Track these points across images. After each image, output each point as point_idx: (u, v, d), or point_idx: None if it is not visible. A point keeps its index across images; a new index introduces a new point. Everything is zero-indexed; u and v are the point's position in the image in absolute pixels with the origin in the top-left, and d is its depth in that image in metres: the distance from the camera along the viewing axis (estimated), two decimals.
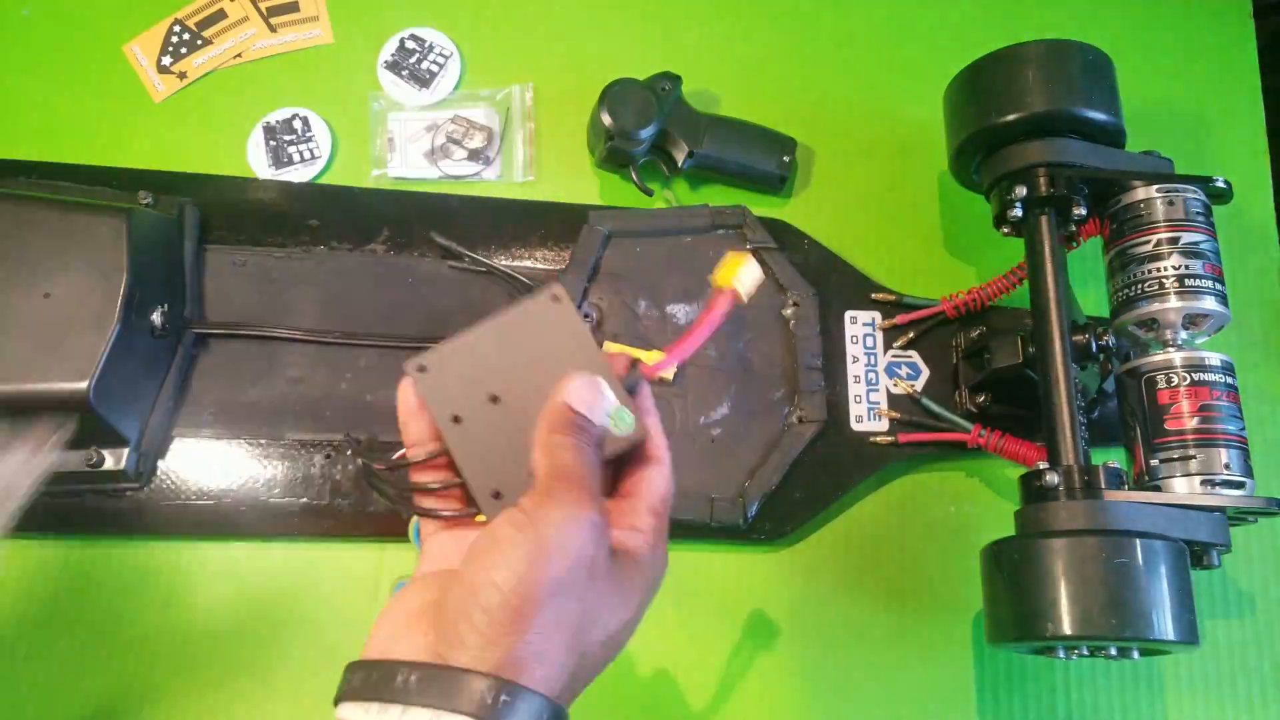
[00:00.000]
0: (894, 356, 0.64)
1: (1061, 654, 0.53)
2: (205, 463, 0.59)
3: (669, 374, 0.53)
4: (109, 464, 0.56)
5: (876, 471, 0.61)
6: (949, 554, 0.61)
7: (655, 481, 0.38)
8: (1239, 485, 0.51)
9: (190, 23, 0.71)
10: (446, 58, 0.70)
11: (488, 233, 0.64)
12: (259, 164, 0.67)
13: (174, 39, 0.70)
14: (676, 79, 0.66)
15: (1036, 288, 0.57)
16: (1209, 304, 0.54)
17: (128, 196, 0.62)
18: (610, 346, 0.60)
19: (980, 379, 0.61)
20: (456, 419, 0.37)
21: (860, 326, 0.64)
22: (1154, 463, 0.53)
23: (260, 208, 0.65)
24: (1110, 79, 0.59)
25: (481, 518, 0.37)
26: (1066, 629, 0.48)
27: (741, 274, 0.37)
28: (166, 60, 0.70)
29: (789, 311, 0.63)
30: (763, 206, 0.67)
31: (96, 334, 0.53)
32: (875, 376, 0.63)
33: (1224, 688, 0.59)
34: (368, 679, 0.31)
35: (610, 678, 0.58)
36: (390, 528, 0.58)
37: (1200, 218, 0.55)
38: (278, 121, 0.68)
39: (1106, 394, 0.60)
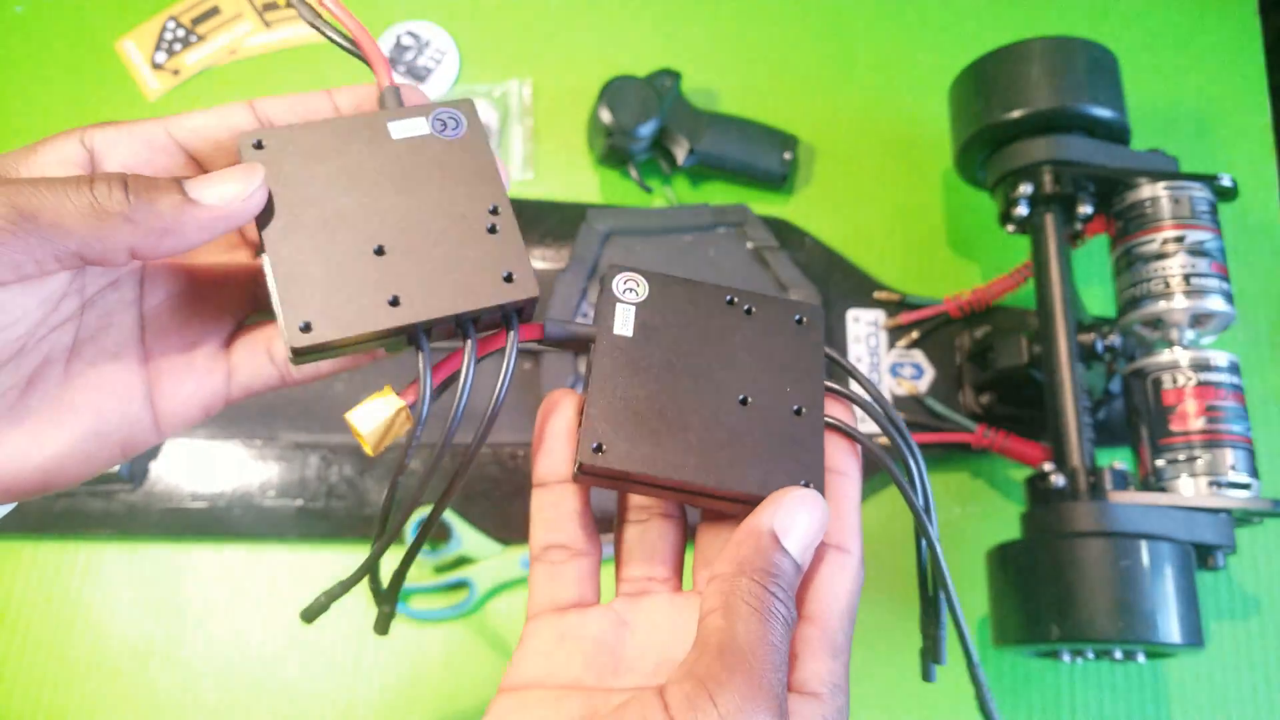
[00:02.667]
0: (898, 356, 0.63)
1: (1067, 657, 0.52)
2: (199, 464, 0.58)
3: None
4: None
5: (880, 472, 0.61)
6: (953, 556, 0.60)
7: (838, 589, 0.27)
8: (1245, 486, 0.51)
9: (184, 19, 0.70)
10: (444, 53, 0.70)
11: None
12: None
13: (168, 36, 0.70)
14: (677, 76, 0.65)
15: (1042, 287, 0.57)
16: (1215, 303, 0.53)
17: None
18: None
19: (985, 379, 0.61)
20: (283, 223, 0.26)
21: (863, 326, 0.64)
22: (1160, 464, 0.52)
23: None
24: (1115, 76, 0.58)
25: None
26: (1072, 632, 0.48)
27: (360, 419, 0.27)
28: (160, 57, 0.69)
29: None
30: (764, 204, 0.67)
31: None
32: (878, 377, 0.63)
33: (1229, 690, 0.58)
34: None
35: None
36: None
37: (1206, 216, 0.55)
38: None
39: (1112, 394, 0.60)
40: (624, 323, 0.29)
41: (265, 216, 0.26)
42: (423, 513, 0.57)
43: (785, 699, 0.24)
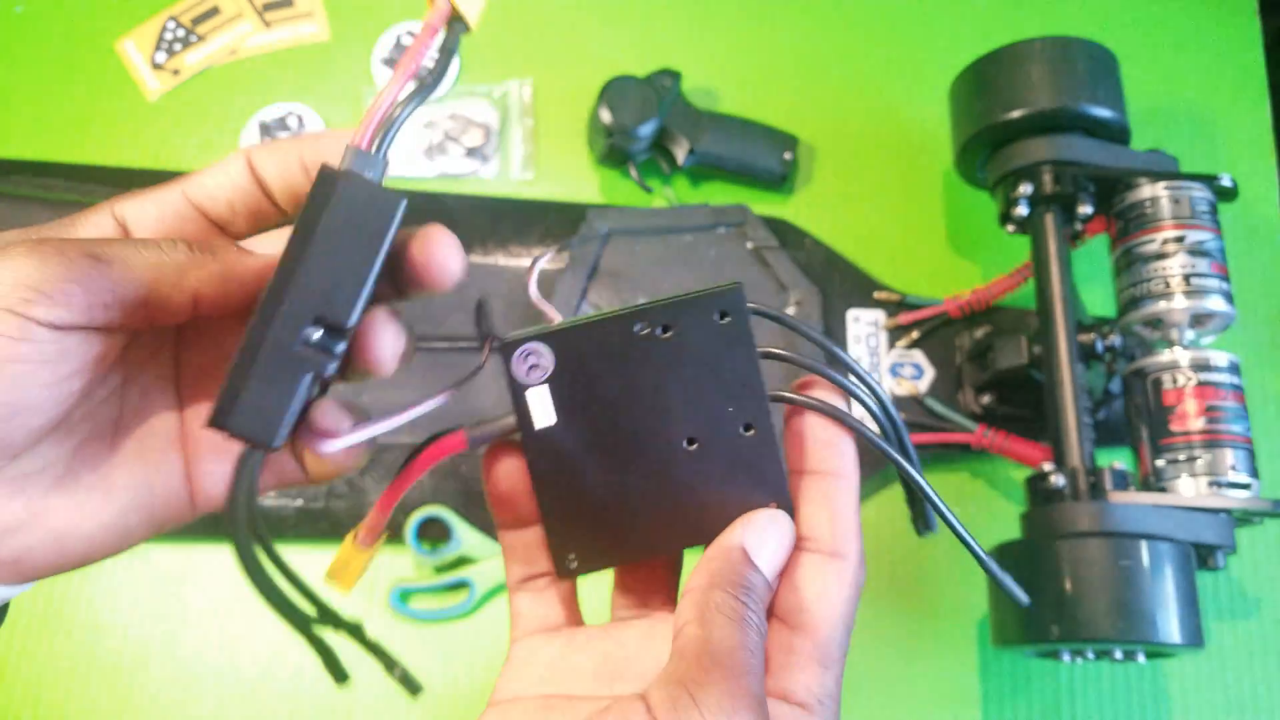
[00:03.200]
0: (898, 356, 0.63)
1: (1067, 657, 0.52)
2: None
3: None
4: None
5: (879, 472, 0.61)
6: (953, 556, 0.60)
7: (833, 598, 0.26)
8: (1245, 487, 0.51)
9: (184, 19, 0.70)
10: None
11: (485, 232, 0.64)
12: None
13: (168, 36, 0.70)
14: (677, 76, 0.65)
15: (1042, 287, 0.57)
16: (1215, 303, 0.53)
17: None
18: None
19: (985, 379, 0.61)
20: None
21: (863, 326, 0.64)
22: (1160, 464, 0.52)
23: None
24: (1115, 76, 0.58)
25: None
26: (1072, 632, 0.48)
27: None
28: (160, 57, 0.69)
29: (791, 311, 0.63)
30: (764, 205, 0.67)
31: None
32: (878, 377, 0.63)
33: (1229, 690, 0.58)
34: None
35: None
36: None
37: (1206, 216, 0.55)
38: (272, 119, 0.68)
39: (1112, 394, 0.60)
40: (542, 410, 0.27)
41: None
42: (424, 512, 0.57)
43: (765, 703, 0.24)
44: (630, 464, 0.27)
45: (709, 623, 0.24)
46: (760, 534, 0.27)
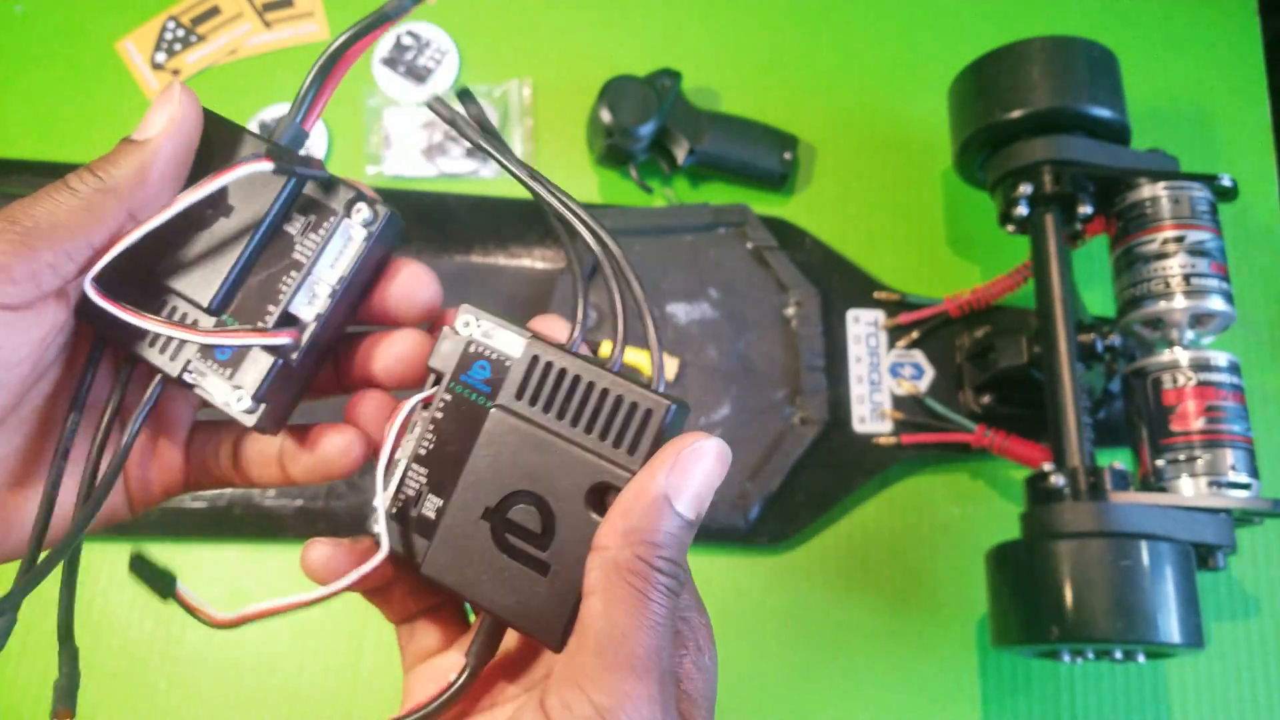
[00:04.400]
0: (897, 356, 0.63)
1: (1067, 657, 0.52)
2: None
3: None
4: None
5: (880, 473, 0.61)
6: (953, 556, 0.60)
7: (695, 683, 0.25)
8: (1245, 486, 0.51)
9: (184, 19, 0.70)
10: (444, 54, 0.70)
11: (485, 231, 0.64)
12: None
13: (168, 36, 0.70)
14: (677, 75, 0.65)
15: (1042, 287, 0.57)
16: (1215, 303, 0.53)
17: None
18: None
19: (985, 379, 0.61)
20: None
21: (863, 326, 0.64)
22: (1160, 464, 0.52)
23: None
24: (1115, 76, 0.58)
25: None
26: (1072, 632, 0.48)
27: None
28: (160, 57, 0.69)
29: (791, 311, 0.63)
30: (764, 204, 0.67)
31: None
32: (878, 377, 0.63)
33: (1229, 691, 0.58)
34: None
35: None
36: None
37: (1206, 216, 0.55)
38: (273, 119, 0.68)
39: (1112, 394, 0.60)
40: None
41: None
42: None
43: (669, 675, 0.23)
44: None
45: (612, 595, 0.23)
46: (684, 473, 0.24)
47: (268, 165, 0.25)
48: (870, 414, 0.62)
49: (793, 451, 0.59)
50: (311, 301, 0.26)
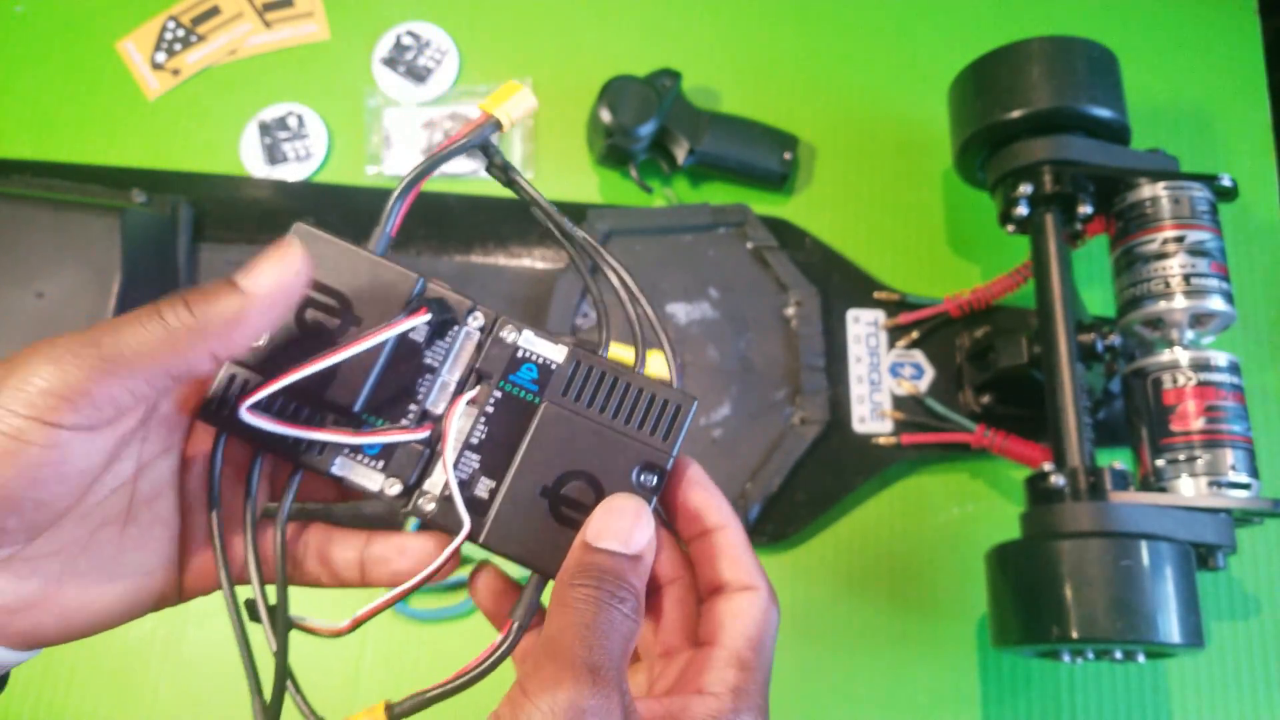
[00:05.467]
0: (897, 356, 0.63)
1: (1067, 657, 0.52)
2: None
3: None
4: None
5: (879, 473, 0.61)
6: (953, 556, 0.60)
7: (744, 616, 0.29)
8: (1245, 486, 0.51)
9: (184, 19, 0.70)
10: (444, 53, 0.70)
11: (485, 231, 0.64)
12: (253, 162, 0.67)
13: (168, 35, 0.70)
14: (677, 75, 0.65)
15: (1042, 287, 0.57)
16: (1215, 303, 0.53)
17: (121, 195, 0.62)
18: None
19: (985, 379, 0.61)
20: None
21: (863, 326, 0.64)
22: (1160, 464, 0.52)
23: (255, 206, 0.64)
24: (1115, 76, 0.58)
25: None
26: (1072, 632, 0.48)
27: (511, 102, 0.32)
28: (160, 57, 0.69)
29: (791, 311, 0.63)
30: (764, 204, 0.67)
31: None
32: (878, 377, 0.63)
33: (1229, 690, 0.58)
34: None
35: None
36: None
37: (1206, 216, 0.55)
38: (272, 119, 0.68)
39: (1112, 394, 0.60)
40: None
41: None
42: None
43: (612, 670, 0.25)
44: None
45: (549, 618, 0.27)
46: (602, 519, 0.28)
47: (426, 317, 0.30)
48: (870, 414, 0.62)
49: (793, 451, 0.59)
50: (440, 398, 0.30)
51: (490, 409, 0.30)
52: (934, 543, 0.61)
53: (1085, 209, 0.57)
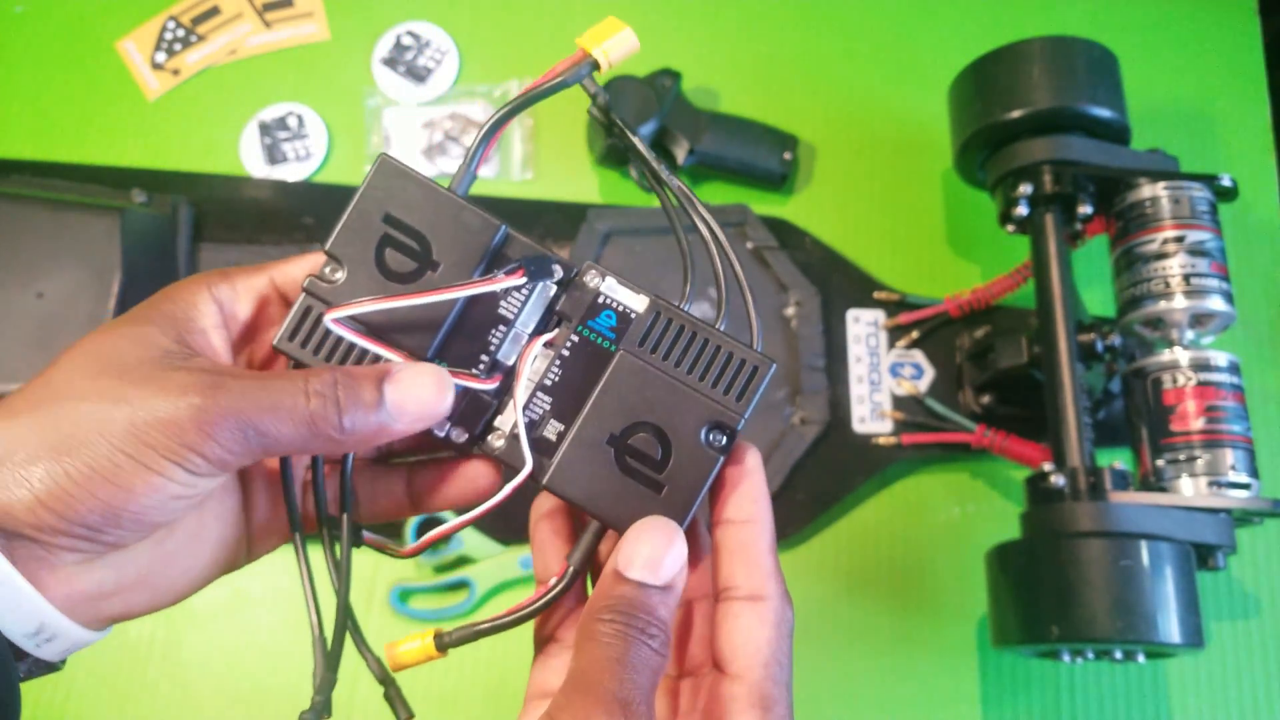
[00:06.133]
0: (897, 356, 0.63)
1: (1066, 657, 0.52)
2: None
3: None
4: None
5: (880, 473, 0.61)
6: (953, 556, 0.60)
7: (756, 637, 0.28)
8: (1245, 486, 0.51)
9: (184, 19, 0.70)
10: (443, 53, 0.70)
11: None
12: (253, 162, 0.67)
13: (168, 35, 0.70)
14: (677, 75, 0.65)
15: (1042, 287, 0.57)
16: (1215, 303, 0.53)
17: (121, 195, 0.62)
18: None
19: (985, 379, 0.60)
20: None
21: (863, 326, 0.64)
22: (1160, 464, 0.52)
23: (255, 206, 0.64)
24: (1115, 76, 0.58)
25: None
26: (1072, 632, 0.48)
27: (613, 41, 0.32)
28: (160, 57, 0.69)
29: (791, 311, 0.63)
30: (764, 204, 0.67)
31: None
32: (878, 377, 0.63)
33: (1229, 690, 0.58)
34: None
35: None
36: (386, 531, 0.58)
37: (1206, 216, 0.55)
38: (272, 119, 0.68)
39: (1112, 394, 0.60)
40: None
41: None
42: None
43: (642, 705, 0.25)
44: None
45: (577, 650, 0.26)
46: (632, 545, 0.27)
47: (521, 279, 0.29)
48: (870, 414, 0.62)
49: (793, 452, 0.59)
50: (514, 353, 0.30)
51: (566, 353, 0.30)
52: (934, 543, 0.61)
53: (1085, 209, 0.57)
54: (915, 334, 0.63)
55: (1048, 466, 0.53)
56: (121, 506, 0.25)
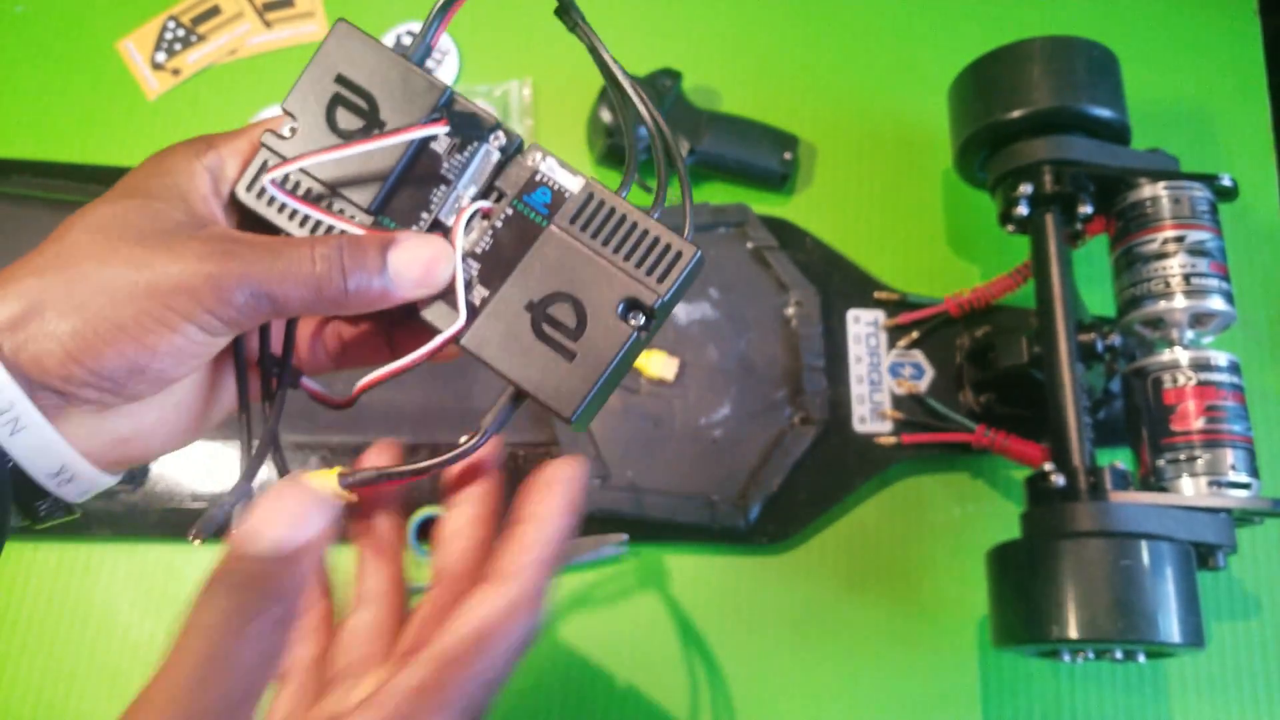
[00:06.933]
0: (897, 356, 0.63)
1: (1067, 657, 0.52)
2: (199, 464, 0.58)
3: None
4: None
5: (880, 473, 0.61)
6: (953, 556, 0.60)
7: (477, 611, 0.27)
8: (1245, 486, 0.51)
9: (184, 19, 0.70)
10: (444, 53, 0.70)
11: None
12: None
13: (168, 35, 0.70)
14: (677, 75, 0.65)
15: (1042, 286, 0.57)
16: (1215, 303, 0.53)
17: None
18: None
19: (985, 379, 0.61)
20: None
21: (863, 326, 0.64)
22: (1160, 463, 0.52)
23: None
24: (1115, 75, 0.58)
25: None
26: (1072, 632, 0.48)
27: None
28: (160, 57, 0.69)
29: (791, 311, 0.63)
30: (764, 204, 0.67)
31: None
32: (878, 376, 0.63)
33: (1229, 690, 0.58)
34: None
35: (611, 680, 0.58)
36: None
37: (1206, 215, 0.55)
38: (272, 117, 0.68)
39: (1112, 394, 0.60)
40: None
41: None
42: (425, 512, 0.57)
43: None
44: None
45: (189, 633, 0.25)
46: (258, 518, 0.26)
47: (444, 128, 0.30)
48: (870, 414, 0.62)
49: (793, 451, 0.59)
50: (454, 212, 0.31)
51: (499, 224, 0.31)
52: (934, 542, 0.61)
53: (1085, 209, 0.57)
54: (915, 334, 0.63)
55: (1048, 466, 0.53)
56: (145, 363, 0.27)
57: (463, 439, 0.29)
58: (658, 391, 0.60)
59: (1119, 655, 0.51)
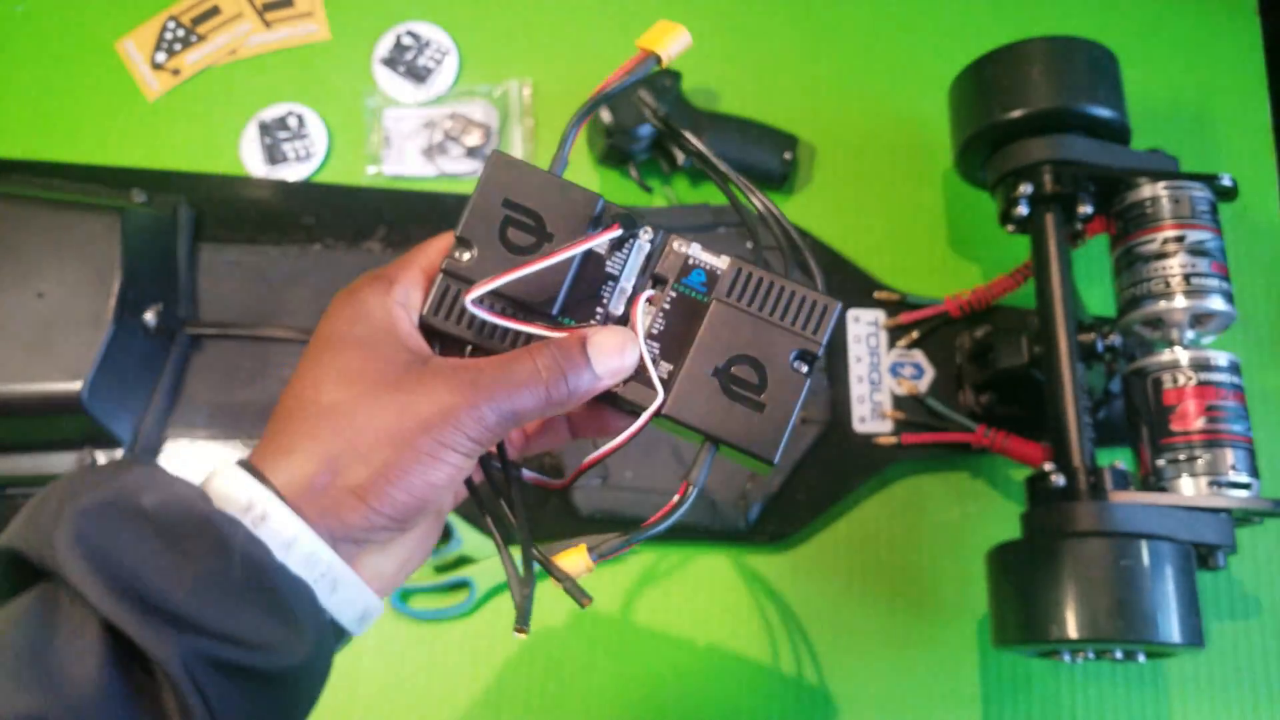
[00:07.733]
0: (898, 356, 0.63)
1: (1067, 657, 0.52)
2: (199, 464, 0.58)
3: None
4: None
5: (880, 473, 0.61)
6: (954, 556, 0.60)
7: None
8: (1245, 486, 0.51)
9: (184, 19, 0.70)
10: (444, 54, 0.70)
11: None
12: (253, 161, 0.67)
13: (168, 35, 0.70)
14: (677, 75, 0.65)
15: (1042, 286, 0.57)
16: (1215, 303, 0.53)
17: (121, 195, 0.62)
18: None
19: (985, 379, 0.60)
20: None
21: (863, 326, 0.64)
22: (1160, 463, 0.52)
23: (255, 206, 0.64)
24: (1115, 76, 0.58)
25: None
26: (1072, 632, 0.48)
27: (669, 39, 0.39)
28: (160, 57, 0.69)
29: None
30: None
31: (90, 334, 0.53)
32: (879, 376, 0.63)
33: (1229, 690, 0.58)
34: None
35: (611, 680, 0.58)
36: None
37: (1206, 215, 0.55)
38: (272, 119, 0.68)
39: (1113, 394, 0.60)
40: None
41: None
42: None
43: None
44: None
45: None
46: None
47: (618, 232, 0.34)
48: (870, 414, 0.62)
49: (793, 451, 0.59)
50: (620, 304, 0.35)
51: (667, 306, 0.35)
52: (934, 542, 0.61)
53: (1085, 209, 0.57)
54: (915, 334, 0.63)
55: (1048, 466, 0.53)
56: (428, 495, 0.30)
57: (675, 498, 0.34)
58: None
59: (1119, 655, 0.51)
